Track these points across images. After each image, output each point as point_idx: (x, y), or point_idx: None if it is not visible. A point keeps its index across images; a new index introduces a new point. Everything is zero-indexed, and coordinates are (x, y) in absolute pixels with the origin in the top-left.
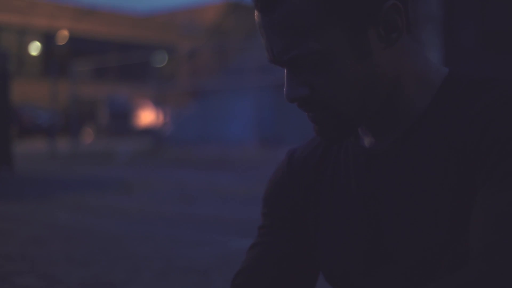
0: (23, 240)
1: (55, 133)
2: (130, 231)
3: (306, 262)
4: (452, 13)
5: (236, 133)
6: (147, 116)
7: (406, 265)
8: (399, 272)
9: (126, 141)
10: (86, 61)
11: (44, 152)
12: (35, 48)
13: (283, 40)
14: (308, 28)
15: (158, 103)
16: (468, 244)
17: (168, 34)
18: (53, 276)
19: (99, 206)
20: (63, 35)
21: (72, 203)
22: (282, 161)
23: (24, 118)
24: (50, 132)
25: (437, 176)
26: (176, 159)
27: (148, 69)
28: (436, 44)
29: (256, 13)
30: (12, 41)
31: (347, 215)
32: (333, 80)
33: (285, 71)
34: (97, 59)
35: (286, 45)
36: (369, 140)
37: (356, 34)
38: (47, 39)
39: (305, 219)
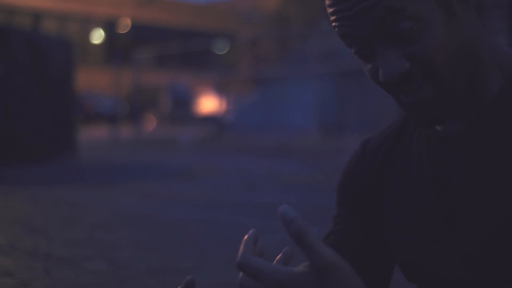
0: (90, 225)
1: (118, 121)
2: (194, 218)
3: (382, 251)
4: None
5: (298, 121)
6: (208, 104)
7: (478, 251)
8: (471, 258)
9: (188, 128)
10: (148, 49)
11: (107, 139)
12: (98, 36)
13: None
14: None
15: (220, 90)
16: None
17: (229, 21)
18: (120, 261)
19: (163, 192)
20: (125, 23)
21: (136, 189)
22: (356, 150)
23: (88, 106)
24: (113, 120)
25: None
26: (238, 147)
27: (209, 57)
28: (502, 31)
29: (330, 8)
30: (76, 30)
31: (419, 199)
32: (429, 45)
33: (378, 55)
34: (159, 47)
35: (380, 11)
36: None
37: None
38: (110, 27)
39: (378, 207)
